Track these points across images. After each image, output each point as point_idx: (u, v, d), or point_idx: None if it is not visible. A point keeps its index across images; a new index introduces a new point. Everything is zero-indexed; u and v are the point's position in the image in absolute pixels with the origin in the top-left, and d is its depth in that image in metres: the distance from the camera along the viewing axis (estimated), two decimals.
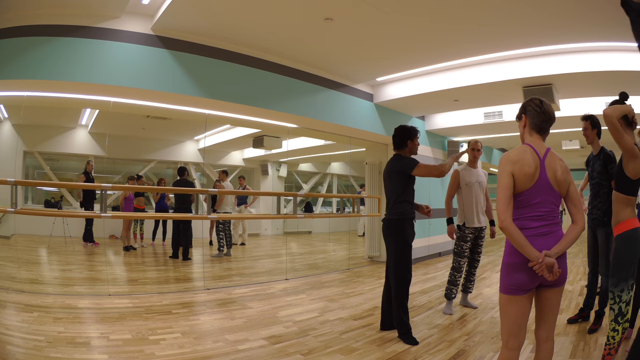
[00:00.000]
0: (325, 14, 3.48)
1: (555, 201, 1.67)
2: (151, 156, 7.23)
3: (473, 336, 3.06)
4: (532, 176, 1.62)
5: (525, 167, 1.62)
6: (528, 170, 1.62)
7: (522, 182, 1.62)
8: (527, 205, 1.64)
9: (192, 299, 4.02)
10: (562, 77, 4.29)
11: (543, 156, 1.67)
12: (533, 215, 1.63)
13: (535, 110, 1.73)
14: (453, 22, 3.58)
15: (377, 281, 5.16)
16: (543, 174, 1.64)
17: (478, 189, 3.77)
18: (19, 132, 5.48)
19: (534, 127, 1.74)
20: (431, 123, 7.11)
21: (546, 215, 1.64)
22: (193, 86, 3.97)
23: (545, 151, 1.69)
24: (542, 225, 1.63)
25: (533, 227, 1.63)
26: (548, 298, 1.67)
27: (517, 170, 1.62)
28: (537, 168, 1.63)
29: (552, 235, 1.63)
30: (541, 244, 1.60)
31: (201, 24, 3.77)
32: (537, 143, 1.71)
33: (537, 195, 1.63)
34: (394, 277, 3.03)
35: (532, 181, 1.62)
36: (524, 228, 1.62)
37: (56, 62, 3.47)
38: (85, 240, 5.92)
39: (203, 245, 7.26)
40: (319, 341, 2.91)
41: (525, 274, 1.59)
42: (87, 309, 3.44)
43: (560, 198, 1.70)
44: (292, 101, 4.78)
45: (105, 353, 2.49)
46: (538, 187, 1.63)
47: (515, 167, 1.62)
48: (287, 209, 8.30)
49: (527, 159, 1.64)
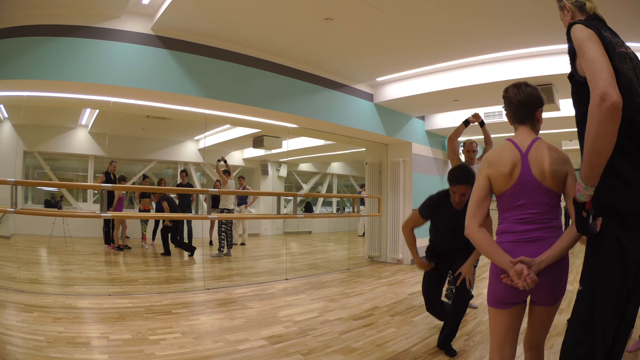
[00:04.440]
0: (325, 14, 3.48)
1: (549, 201, 1.41)
2: (151, 156, 7.23)
3: (473, 336, 3.06)
4: (508, 175, 1.42)
5: (501, 166, 1.43)
6: (503, 170, 1.42)
7: (500, 183, 1.44)
8: (511, 207, 1.44)
9: (192, 299, 4.02)
10: (562, 77, 4.28)
11: (526, 149, 1.44)
12: (519, 219, 1.42)
13: (507, 99, 1.54)
14: (453, 22, 3.58)
15: (377, 281, 5.17)
16: (525, 171, 1.41)
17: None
18: (19, 132, 5.48)
19: (513, 119, 1.54)
20: (431, 123, 7.11)
21: (535, 218, 1.40)
22: (193, 86, 3.97)
23: (529, 143, 1.45)
24: (530, 230, 1.39)
25: (518, 232, 1.41)
26: (539, 316, 1.48)
27: (492, 172, 1.45)
28: (517, 165, 1.42)
29: (545, 242, 1.38)
30: (528, 251, 1.36)
31: (201, 24, 3.77)
32: (520, 135, 1.49)
33: (520, 195, 1.42)
34: None
35: (511, 180, 1.42)
36: (508, 232, 1.43)
37: (56, 62, 3.47)
38: (107, 243, 6.07)
39: (203, 245, 7.25)
40: (319, 341, 2.91)
41: (506, 286, 1.38)
42: (87, 309, 3.44)
43: (558, 196, 1.45)
44: (292, 101, 4.78)
45: (105, 353, 2.49)
46: (519, 187, 1.41)
47: (490, 168, 1.46)
48: (287, 209, 8.29)
49: (503, 157, 1.45)
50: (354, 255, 7.06)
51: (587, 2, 1.43)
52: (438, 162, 7.57)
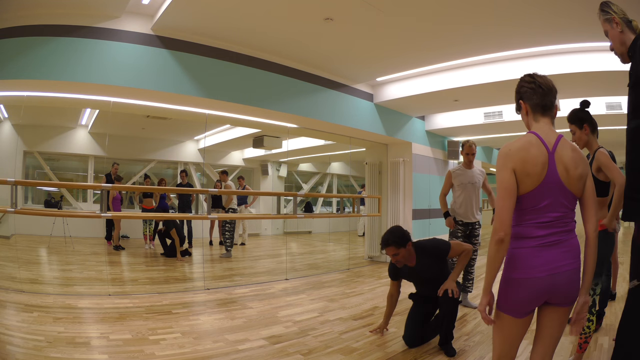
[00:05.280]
0: (325, 14, 3.48)
1: (569, 204, 1.34)
2: (151, 156, 7.23)
3: (473, 336, 3.06)
4: (538, 175, 1.30)
5: (530, 165, 1.30)
6: (533, 170, 1.30)
7: (526, 182, 1.31)
8: (532, 209, 1.33)
9: (192, 299, 4.02)
10: (562, 77, 4.28)
11: (553, 147, 1.33)
12: (539, 222, 1.32)
13: (530, 87, 1.43)
14: (453, 22, 3.58)
15: (377, 281, 5.17)
16: (552, 170, 1.31)
17: (471, 190, 3.86)
18: (19, 132, 5.48)
19: (537, 109, 1.41)
20: (431, 123, 7.11)
21: (556, 221, 1.32)
22: (193, 86, 3.97)
23: (555, 140, 1.35)
24: (549, 234, 1.32)
25: (538, 237, 1.32)
26: (552, 319, 1.39)
27: (519, 167, 1.31)
28: (545, 164, 1.31)
29: (562, 245, 1.32)
30: (548, 256, 1.31)
31: (201, 24, 3.77)
32: (545, 130, 1.38)
33: (543, 197, 1.31)
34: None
35: (539, 180, 1.31)
36: (526, 237, 1.33)
37: (56, 62, 3.47)
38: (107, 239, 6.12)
39: (203, 245, 7.26)
40: (319, 341, 2.91)
41: (526, 293, 1.32)
42: (87, 309, 3.44)
43: (575, 200, 1.37)
44: (292, 101, 4.79)
45: (105, 353, 2.49)
46: (546, 187, 1.31)
47: (517, 162, 1.31)
48: (287, 209, 8.30)
49: (532, 154, 1.31)
50: (354, 255, 7.06)
51: (632, 20, 1.50)
52: (438, 162, 7.57)
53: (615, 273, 3.93)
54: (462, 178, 3.85)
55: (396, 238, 2.72)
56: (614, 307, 3.61)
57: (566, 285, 1.33)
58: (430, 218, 7.18)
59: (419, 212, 6.85)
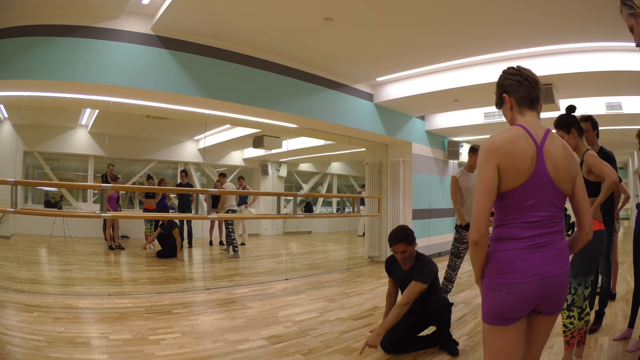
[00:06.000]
0: (325, 14, 3.48)
1: (558, 202, 1.26)
2: (151, 156, 7.23)
3: (473, 336, 3.06)
4: (526, 170, 1.21)
5: (518, 160, 1.21)
6: (521, 165, 1.21)
7: (511, 179, 1.22)
8: (518, 207, 1.23)
9: (192, 299, 4.02)
10: (562, 77, 4.28)
11: (541, 141, 1.26)
12: (526, 222, 1.23)
13: (516, 79, 1.35)
14: (453, 21, 3.57)
15: (377, 281, 5.17)
16: (541, 166, 1.23)
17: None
18: (19, 132, 5.48)
19: (524, 102, 1.33)
20: (431, 123, 7.11)
21: (544, 221, 1.23)
22: (193, 86, 3.97)
23: (543, 134, 1.28)
24: (537, 235, 1.23)
25: (525, 238, 1.22)
26: (539, 328, 1.31)
27: (504, 163, 1.21)
28: (534, 159, 1.23)
29: (551, 247, 1.23)
30: (537, 260, 1.21)
31: (201, 24, 3.77)
32: (532, 123, 1.30)
33: (532, 194, 1.22)
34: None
35: (526, 176, 1.22)
36: (512, 238, 1.23)
37: (56, 62, 3.46)
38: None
39: (203, 245, 7.26)
40: (319, 341, 2.91)
41: (511, 298, 1.21)
42: (87, 309, 3.44)
43: (565, 198, 1.29)
44: (292, 101, 4.78)
45: (105, 353, 2.49)
46: (533, 184, 1.22)
47: (503, 159, 1.21)
48: (287, 209, 8.29)
49: (520, 148, 1.22)
50: (354, 255, 7.06)
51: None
52: (438, 162, 7.57)
53: (615, 273, 3.94)
54: (467, 182, 3.82)
55: (407, 235, 2.71)
56: (614, 307, 3.61)
57: (556, 290, 1.25)
58: (430, 218, 7.19)
59: (419, 212, 6.86)
